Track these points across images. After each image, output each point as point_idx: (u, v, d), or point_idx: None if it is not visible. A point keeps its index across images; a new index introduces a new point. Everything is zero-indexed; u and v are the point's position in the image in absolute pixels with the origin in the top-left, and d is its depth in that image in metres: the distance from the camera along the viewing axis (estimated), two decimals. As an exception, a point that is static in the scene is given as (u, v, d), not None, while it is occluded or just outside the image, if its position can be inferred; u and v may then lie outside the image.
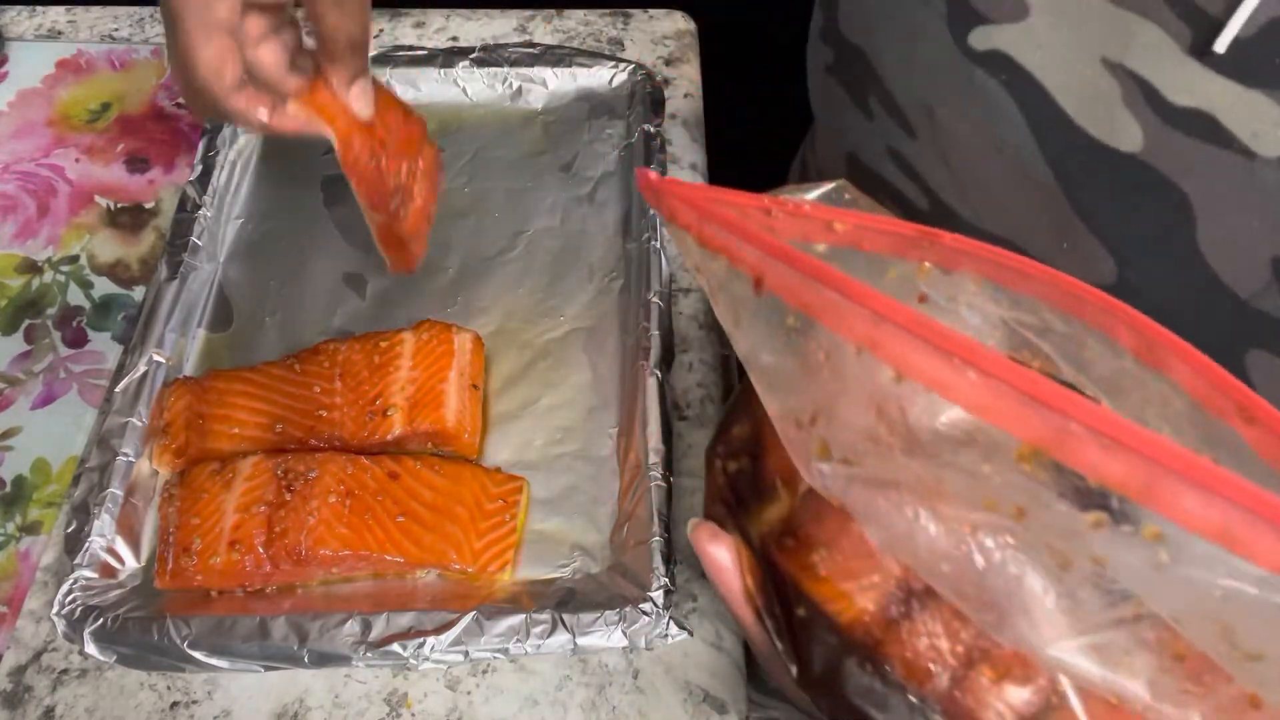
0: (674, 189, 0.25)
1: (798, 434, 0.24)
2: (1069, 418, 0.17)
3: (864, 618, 0.24)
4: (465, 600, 0.44)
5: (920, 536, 0.22)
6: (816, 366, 0.23)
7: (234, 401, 0.50)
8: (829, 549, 0.24)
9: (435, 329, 0.52)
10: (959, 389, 0.18)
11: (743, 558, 0.27)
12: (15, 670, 0.45)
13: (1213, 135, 0.30)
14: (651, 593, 0.43)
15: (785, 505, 0.26)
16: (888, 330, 0.19)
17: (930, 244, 0.27)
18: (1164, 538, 0.19)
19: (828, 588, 0.24)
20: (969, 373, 0.18)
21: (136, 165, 0.64)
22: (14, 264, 0.59)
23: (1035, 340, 0.27)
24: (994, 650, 0.22)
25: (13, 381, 0.55)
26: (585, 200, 0.61)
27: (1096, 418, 0.17)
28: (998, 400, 0.18)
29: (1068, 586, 0.20)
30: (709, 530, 0.28)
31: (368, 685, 0.45)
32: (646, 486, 0.46)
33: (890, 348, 0.19)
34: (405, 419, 0.49)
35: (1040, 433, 0.18)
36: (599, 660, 0.45)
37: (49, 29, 0.71)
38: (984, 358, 0.18)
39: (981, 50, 0.35)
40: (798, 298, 0.21)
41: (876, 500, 0.22)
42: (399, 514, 0.46)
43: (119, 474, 0.47)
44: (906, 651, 0.23)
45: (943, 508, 0.21)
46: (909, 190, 0.42)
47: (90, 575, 0.45)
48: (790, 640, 0.26)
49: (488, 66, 0.65)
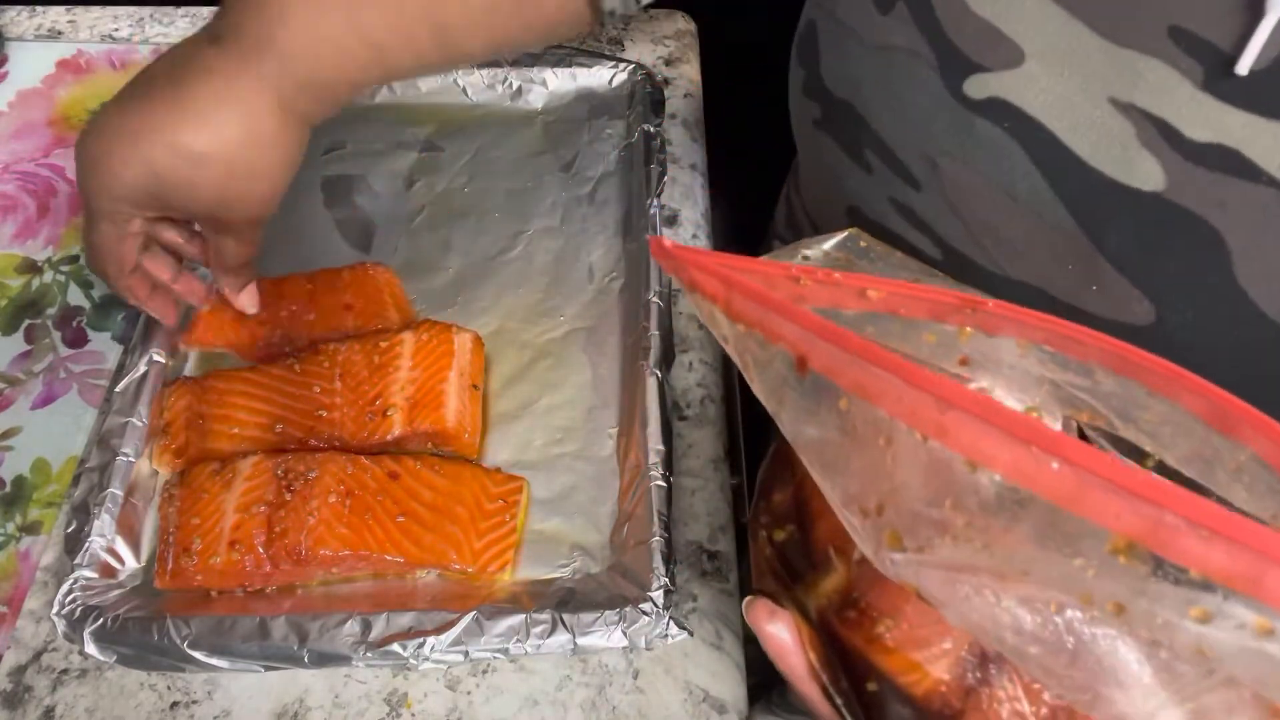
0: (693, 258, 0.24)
1: (864, 522, 0.22)
2: (1164, 509, 0.16)
3: (940, 688, 0.23)
4: (465, 600, 0.44)
5: (1004, 618, 0.20)
6: (878, 451, 0.21)
7: (234, 401, 0.50)
8: (894, 618, 0.23)
9: (435, 329, 0.52)
10: (1042, 480, 0.17)
11: (803, 633, 0.26)
12: (15, 670, 0.45)
13: (1239, 169, 0.29)
14: (651, 593, 0.43)
15: (842, 575, 0.25)
16: (955, 418, 0.18)
17: (973, 310, 0.26)
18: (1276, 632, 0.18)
19: (898, 659, 0.23)
20: (1051, 462, 0.17)
21: (136, 165, 0.64)
22: (14, 264, 0.59)
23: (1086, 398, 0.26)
24: (1079, 712, 0.21)
25: (13, 381, 0.55)
26: (585, 200, 0.61)
27: (1194, 508, 0.16)
28: (1086, 491, 0.17)
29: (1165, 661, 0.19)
30: (766, 608, 0.27)
31: (368, 685, 0.45)
32: (646, 486, 0.46)
33: (961, 436, 0.18)
34: (405, 419, 0.49)
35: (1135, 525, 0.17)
36: (599, 660, 0.45)
37: (49, 29, 0.71)
38: (1066, 446, 0.17)
39: (979, 99, 0.34)
40: (850, 380, 0.20)
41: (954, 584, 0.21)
42: (399, 514, 0.46)
43: (119, 474, 0.47)
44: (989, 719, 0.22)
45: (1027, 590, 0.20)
46: (920, 242, 0.40)
47: (90, 575, 0.45)
48: (865, 717, 0.25)
49: (488, 66, 0.65)
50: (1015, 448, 0.18)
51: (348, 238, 0.60)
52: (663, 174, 0.59)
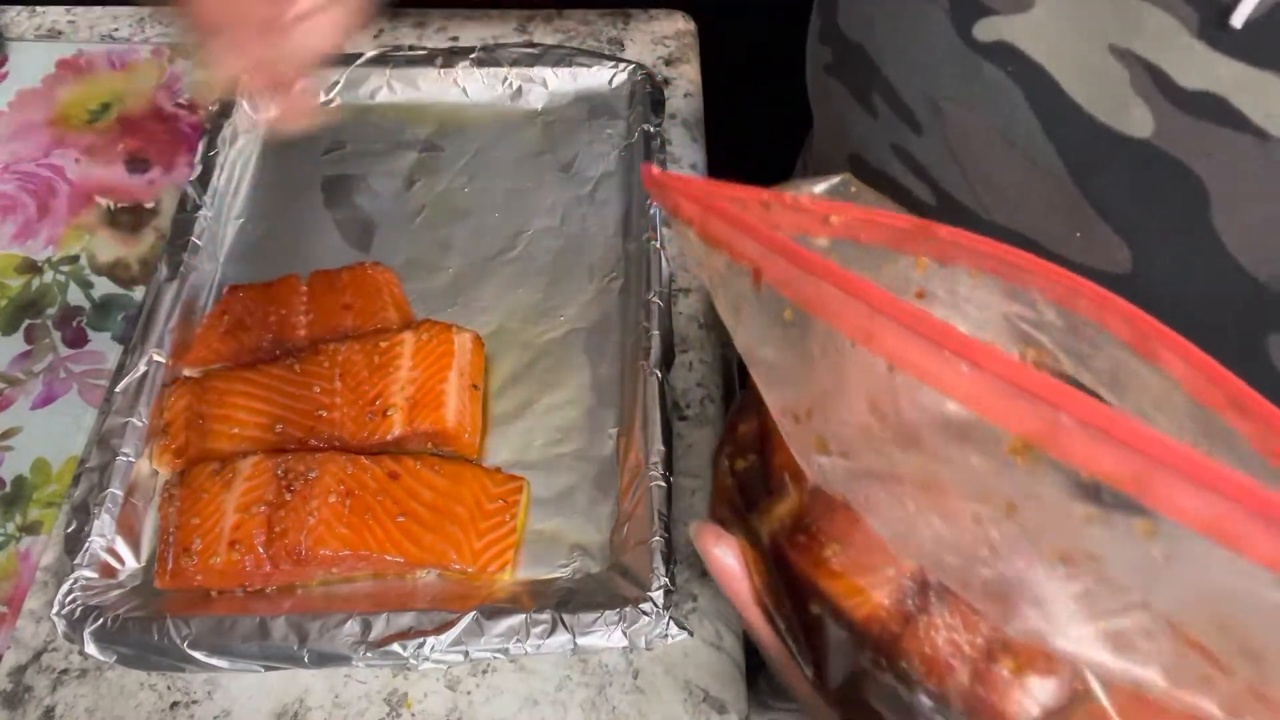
0: (677, 184, 0.25)
1: (795, 428, 0.23)
2: (1059, 410, 0.17)
3: (880, 613, 0.23)
4: (465, 600, 0.44)
5: (923, 529, 0.21)
6: (813, 360, 0.22)
7: (234, 401, 0.50)
8: (842, 544, 0.24)
9: (435, 329, 0.52)
10: (950, 381, 0.18)
11: (749, 558, 0.27)
12: (15, 670, 0.45)
13: (1225, 118, 0.30)
14: (651, 593, 0.43)
15: (795, 501, 0.25)
16: (881, 323, 0.19)
17: (926, 237, 0.27)
18: (1157, 533, 0.18)
19: (842, 583, 0.24)
20: (960, 365, 0.18)
21: (136, 165, 0.64)
22: (14, 264, 0.59)
23: (1034, 334, 0.27)
24: (1015, 642, 0.22)
25: (13, 381, 0.55)
26: (585, 200, 0.61)
27: (1087, 410, 0.17)
28: (988, 392, 0.18)
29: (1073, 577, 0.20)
30: (714, 532, 0.27)
31: (368, 685, 0.45)
32: (646, 486, 0.46)
33: (884, 341, 0.19)
34: (405, 419, 0.49)
35: (1031, 425, 0.17)
36: (599, 660, 0.45)
37: (49, 29, 0.71)
38: (975, 350, 0.18)
39: (987, 42, 0.35)
40: (795, 291, 0.21)
41: (877, 493, 0.22)
42: (399, 514, 0.46)
43: (119, 474, 0.47)
44: (925, 646, 0.23)
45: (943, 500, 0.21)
46: (916, 188, 0.42)
47: (90, 575, 0.45)
48: (804, 640, 0.25)
49: (488, 66, 0.65)
50: (930, 352, 0.18)
51: (348, 238, 0.60)
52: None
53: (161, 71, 0.69)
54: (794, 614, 0.25)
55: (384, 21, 0.71)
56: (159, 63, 0.69)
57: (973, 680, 0.22)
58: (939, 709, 0.23)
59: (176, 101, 0.67)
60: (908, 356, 0.19)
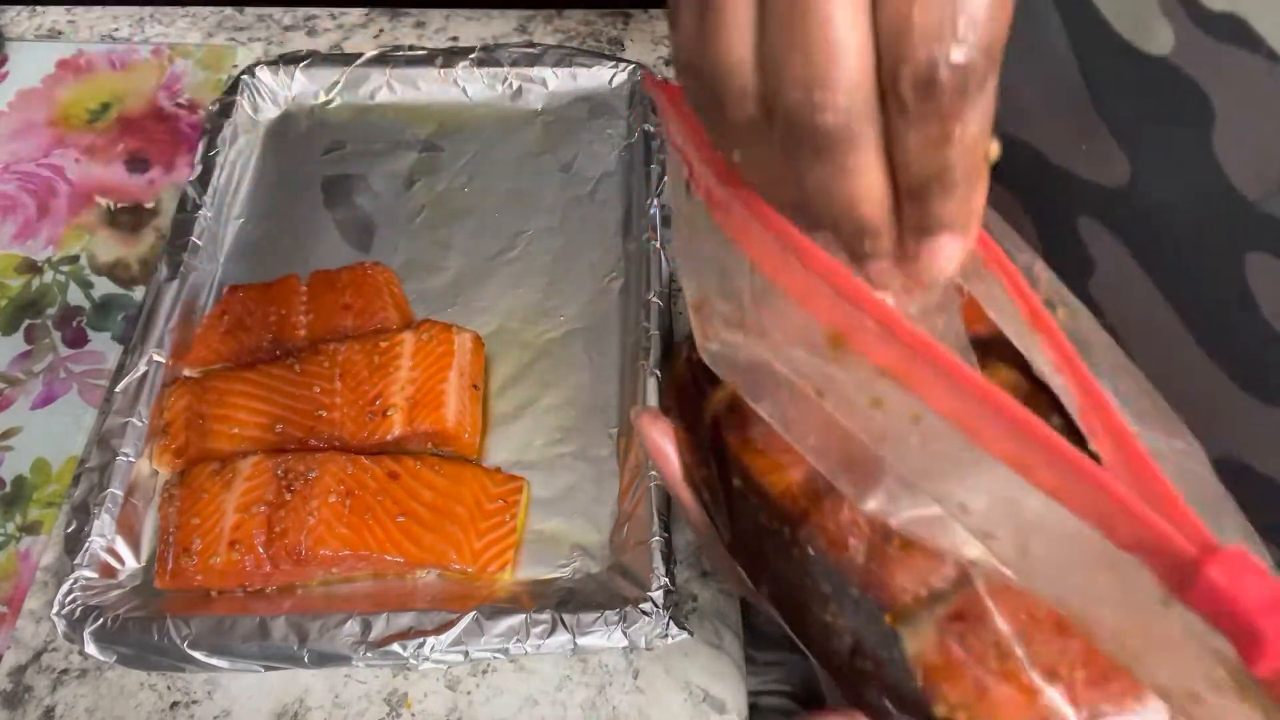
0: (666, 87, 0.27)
1: (694, 316, 0.26)
2: (862, 311, 0.20)
3: (793, 489, 0.26)
4: (465, 600, 0.44)
5: (790, 411, 0.23)
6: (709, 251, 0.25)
7: (234, 401, 0.50)
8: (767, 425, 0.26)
9: (435, 329, 0.52)
10: (787, 279, 0.21)
11: (680, 438, 0.30)
12: (15, 670, 0.45)
13: (1241, 38, 0.31)
14: (651, 593, 0.43)
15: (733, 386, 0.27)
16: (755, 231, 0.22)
17: None
18: (920, 419, 0.20)
19: (763, 460, 0.26)
20: (793, 262, 0.21)
21: (136, 165, 0.64)
22: (14, 264, 0.59)
23: None
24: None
25: (13, 381, 0.55)
26: (585, 200, 0.61)
27: (882, 312, 0.20)
28: (813, 290, 0.21)
29: (888, 460, 0.22)
30: (651, 414, 0.31)
31: (368, 685, 0.45)
32: (646, 486, 0.46)
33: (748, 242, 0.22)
34: (405, 419, 0.49)
35: (840, 320, 0.21)
36: (599, 660, 0.45)
37: (49, 29, 0.71)
38: (805, 250, 0.21)
39: None
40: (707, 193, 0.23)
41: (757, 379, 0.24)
42: (399, 514, 0.46)
43: (119, 474, 0.47)
44: (828, 523, 0.25)
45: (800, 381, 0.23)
46: None
47: (90, 575, 0.45)
48: (726, 510, 0.27)
49: (488, 66, 0.65)
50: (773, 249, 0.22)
51: (348, 238, 0.60)
52: (663, 174, 0.59)
53: (161, 71, 0.69)
54: (719, 487, 0.27)
55: (384, 21, 0.71)
56: (159, 63, 0.69)
57: (868, 557, 0.24)
58: (834, 578, 0.25)
59: (176, 101, 0.67)
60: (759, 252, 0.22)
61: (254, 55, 0.69)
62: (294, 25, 0.71)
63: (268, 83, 0.64)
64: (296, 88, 0.65)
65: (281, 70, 0.65)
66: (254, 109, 0.64)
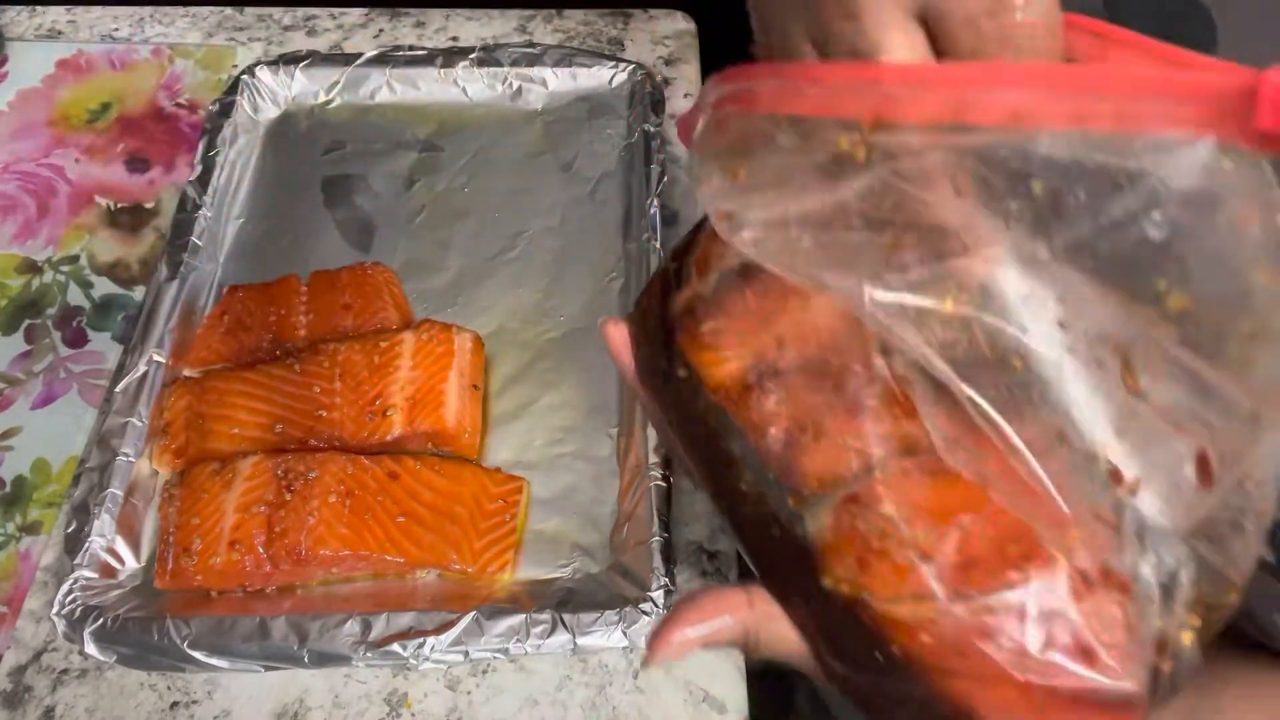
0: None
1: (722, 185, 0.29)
2: (883, 81, 0.23)
3: (728, 380, 0.30)
4: (465, 600, 0.44)
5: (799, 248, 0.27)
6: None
7: (234, 401, 0.50)
8: (716, 323, 0.30)
9: (435, 329, 0.52)
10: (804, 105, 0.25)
11: (640, 339, 0.33)
12: (15, 670, 0.45)
13: None
14: (651, 593, 0.43)
15: (692, 290, 0.31)
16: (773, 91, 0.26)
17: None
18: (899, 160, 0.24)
19: (708, 353, 0.30)
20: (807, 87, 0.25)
21: (136, 165, 0.64)
22: (14, 264, 0.59)
23: None
24: (824, 423, 0.28)
25: (13, 381, 0.55)
26: (585, 200, 0.61)
27: (910, 73, 0.23)
28: (829, 96, 0.25)
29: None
30: (613, 319, 0.35)
31: (368, 685, 0.45)
32: (646, 486, 0.46)
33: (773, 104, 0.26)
34: (405, 419, 0.49)
35: (867, 106, 0.24)
36: (599, 660, 0.45)
37: (49, 29, 0.71)
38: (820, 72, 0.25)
39: None
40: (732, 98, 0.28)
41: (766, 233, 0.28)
42: (399, 514, 0.46)
43: (119, 474, 0.47)
44: (753, 413, 0.29)
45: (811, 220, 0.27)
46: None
47: (90, 575, 0.45)
48: (673, 396, 0.31)
49: (488, 66, 0.65)
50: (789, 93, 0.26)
51: (348, 238, 0.60)
52: (663, 174, 0.59)
53: (161, 71, 0.69)
54: (668, 374, 0.31)
55: (384, 21, 0.71)
56: (159, 63, 0.69)
57: (784, 446, 0.28)
58: (753, 458, 0.29)
59: (176, 101, 0.67)
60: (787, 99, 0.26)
61: (254, 55, 0.69)
62: (294, 25, 0.71)
63: (268, 83, 0.64)
64: (296, 88, 0.65)
65: (281, 70, 0.65)
66: (254, 109, 0.64)
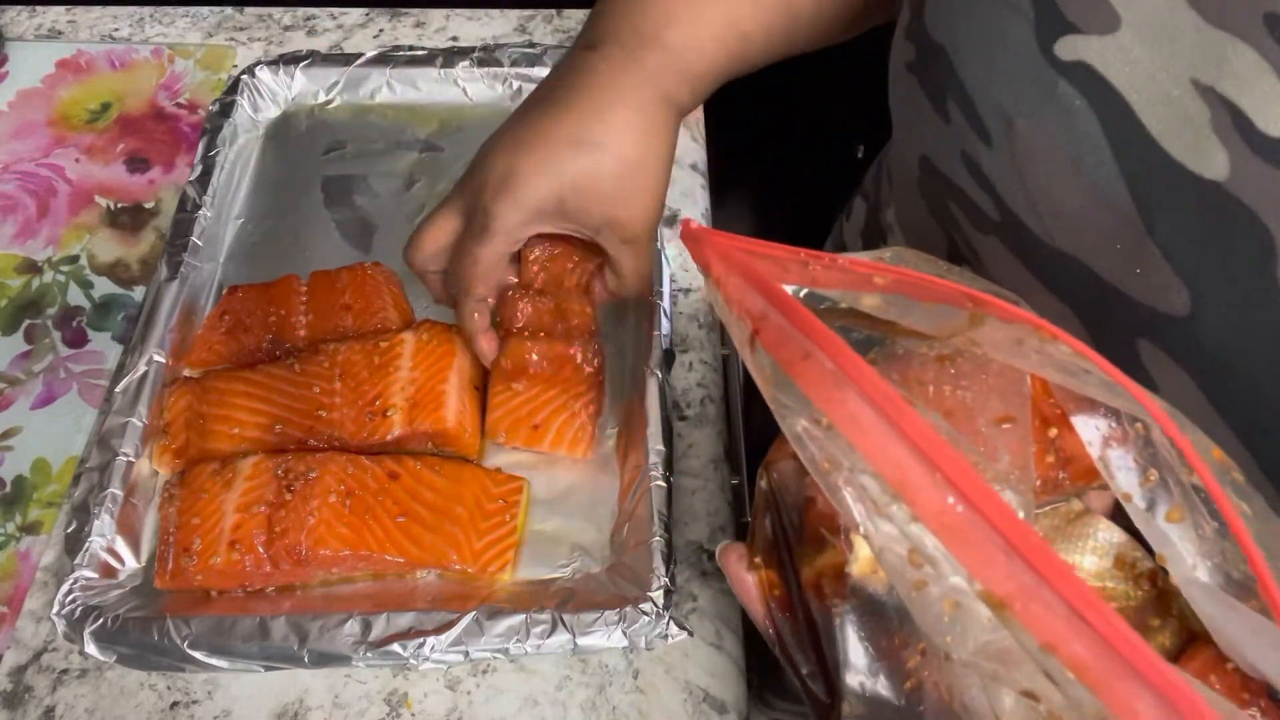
0: (712, 239, 0.26)
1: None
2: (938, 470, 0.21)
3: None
4: (465, 600, 0.44)
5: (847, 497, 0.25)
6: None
7: (234, 401, 0.50)
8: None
9: (435, 329, 0.52)
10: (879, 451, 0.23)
11: (763, 581, 0.30)
12: (15, 670, 0.45)
13: None
14: (651, 593, 0.43)
15: (836, 555, 0.28)
16: (867, 416, 0.23)
17: (976, 307, 0.27)
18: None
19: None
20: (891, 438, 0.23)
21: (136, 165, 0.64)
22: (14, 264, 0.59)
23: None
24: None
25: (13, 381, 0.55)
26: (585, 200, 0.61)
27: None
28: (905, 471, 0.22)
29: None
30: (737, 553, 0.31)
31: (368, 685, 0.45)
32: (646, 486, 0.46)
33: (841, 415, 0.23)
34: (405, 419, 0.49)
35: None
36: (599, 660, 0.45)
37: (49, 29, 0.71)
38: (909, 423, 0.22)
39: (1068, 60, 0.35)
40: (780, 353, 0.23)
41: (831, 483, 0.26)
42: (399, 514, 0.46)
43: (119, 474, 0.47)
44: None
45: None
46: (980, 200, 0.41)
47: (90, 575, 0.44)
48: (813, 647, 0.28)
49: (488, 66, 0.65)
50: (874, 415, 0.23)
51: (348, 238, 0.60)
52: (663, 174, 0.59)
53: (161, 71, 0.69)
54: (805, 635, 0.28)
55: (384, 21, 0.71)
56: (159, 63, 0.69)
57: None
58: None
59: (176, 101, 0.67)
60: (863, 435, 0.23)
61: (254, 55, 0.69)
62: (294, 25, 0.71)
63: (268, 83, 0.64)
64: (296, 88, 0.65)
65: (281, 70, 0.65)
66: (254, 109, 0.64)
